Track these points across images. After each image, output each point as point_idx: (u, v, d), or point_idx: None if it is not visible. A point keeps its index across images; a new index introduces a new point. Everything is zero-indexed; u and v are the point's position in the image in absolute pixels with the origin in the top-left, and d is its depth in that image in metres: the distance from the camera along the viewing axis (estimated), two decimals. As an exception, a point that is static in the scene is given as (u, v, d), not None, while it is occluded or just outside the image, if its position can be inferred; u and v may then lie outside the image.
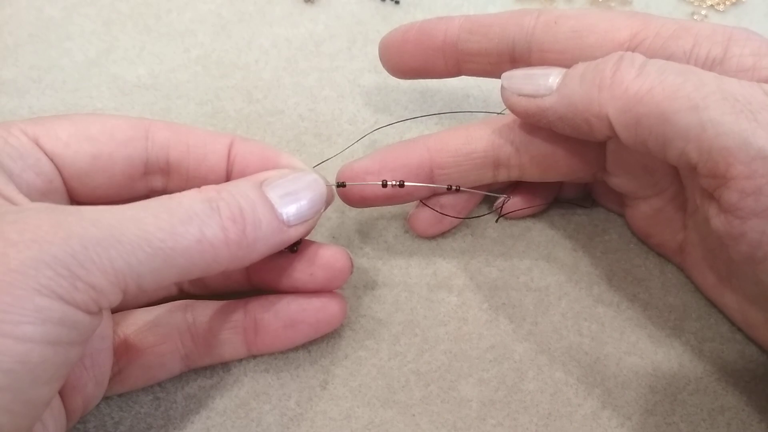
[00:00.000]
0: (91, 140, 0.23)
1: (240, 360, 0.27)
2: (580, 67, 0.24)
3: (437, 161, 0.27)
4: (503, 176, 0.28)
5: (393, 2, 0.40)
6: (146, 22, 0.39)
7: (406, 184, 0.27)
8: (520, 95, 0.25)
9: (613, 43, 0.25)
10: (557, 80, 0.24)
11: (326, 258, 0.25)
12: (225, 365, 0.26)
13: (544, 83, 0.25)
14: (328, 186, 0.25)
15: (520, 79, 0.25)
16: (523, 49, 0.27)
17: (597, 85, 0.23)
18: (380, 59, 0.31)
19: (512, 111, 0.26)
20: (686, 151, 0.21)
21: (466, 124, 0.28)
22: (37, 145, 0.22)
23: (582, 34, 0.25)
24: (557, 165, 0.28)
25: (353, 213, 0.31)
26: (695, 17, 0.41)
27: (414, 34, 0.29)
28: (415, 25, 0.30)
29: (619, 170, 0.28)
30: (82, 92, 0.35)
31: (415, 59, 0.30)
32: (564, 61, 0.25)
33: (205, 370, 0.26)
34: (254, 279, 0.27)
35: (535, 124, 0.26)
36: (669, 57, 0.24)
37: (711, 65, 0.23)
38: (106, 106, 0.35)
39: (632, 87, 0.22)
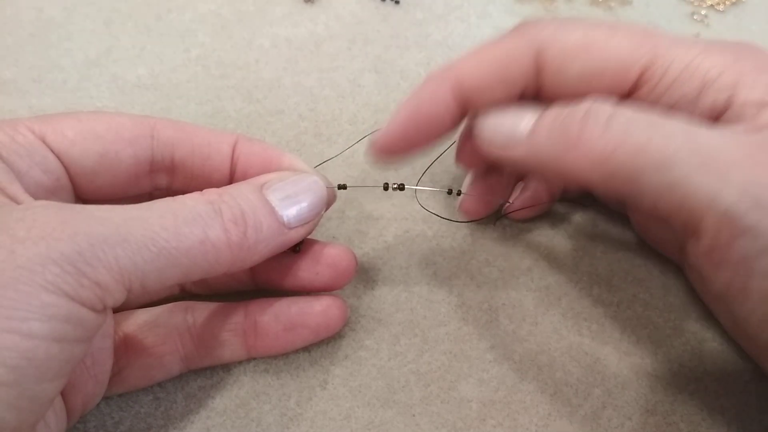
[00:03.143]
0: (98, 138, 0.23)
1: (240, 361, 0.27)
2: (549, 117, 0.23)
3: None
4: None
5: (393, 2, 0.40)
6: (146, 22, 0.39)
7: (407, 187, 0.28)
8: (491, 144, 0.24)
9: (622, 87, 0.24)
10: (528, 127, 0.23)
11: (331, 257, 0.25)
12: (225, 365, 0.26)
13: (513, 133, 0.23)
14: (329, 188, 0.25)
15: (491, 128, 0.24)
16: (533, 90, 0.25)
17: (564, 144, 0.22)
18: (375, 157, 0.27)
19: (488, 157, 0.25)
20: (658, 206, 0.21)
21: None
22: (44, 142, 0.22)
23: (591, 82, 0.24)
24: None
25: (353, 213, 0.31)
26: (695, 17, 0.41)
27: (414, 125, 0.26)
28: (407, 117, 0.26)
29: None
30: (82, 92, 0.35)
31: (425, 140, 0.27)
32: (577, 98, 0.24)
33: (205, 370, 0.26)
34: (259, 278, 0.27)
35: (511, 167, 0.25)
36: (674, 104, 0.23)
37: (716, 115, 0.23)
38: (106, 106, 0.35)
39: (597, 146, 0.21)
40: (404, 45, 0.38)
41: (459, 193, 0.28)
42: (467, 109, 0.26)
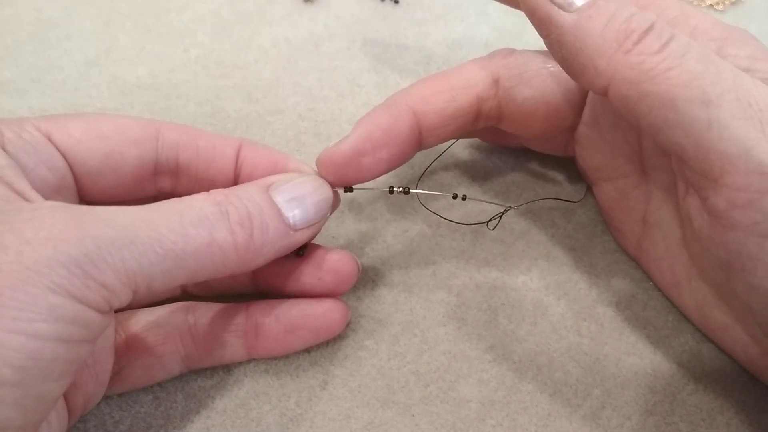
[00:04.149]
0: (103, 138, 0.23)
1: (240, 362, 0.27)
2: (611, 6, 0.22)
3: (424, 124, 0.26)
4: (480, 125, 0.28)
5: (392, 2, 0.40)
6: (146, 22, 0.39)
7: (411, 191, 0.27)
8: None
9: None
10: (583, 2, 0.22)
11: (333, 263, 0.25)
12: (225, 366, 0.27)
13: None
14: (334, 190, 0.25)
15: None
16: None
17: (617, 42, 0.21)
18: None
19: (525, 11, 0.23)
20: (682, 143, 0.20)
21: (446, 73, 0.27)
22: (50, 141, 0.22)
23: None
24: (533, 125, 0.28)
25: (353, 213, 0.31)
26: (695, 17, 0.41)
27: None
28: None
29: (587, 144, 0.28)
30: (82, 92, 0.35)
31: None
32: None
33: (206, 370, 0.26)
34: (260, 282, 0.27)
35: (535, 25, 0.24)
36: None
37: None
38: (106, 106, 0.35)
39: (650, 62, 0.20)
40: (404, 45, 0.38)
41: (464, 198, 0.28)
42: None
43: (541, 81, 0.26)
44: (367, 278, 0.29)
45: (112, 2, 0.40)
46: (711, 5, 0.41)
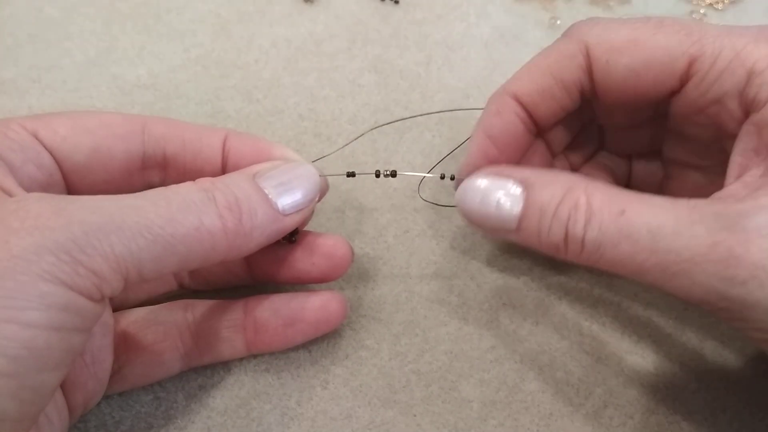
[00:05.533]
0: (90, 134, 0.23)
1: (240, 359, 0.27)
2: (545, 195, 0.22)
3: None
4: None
5: (392, 2, 0.40)
6: (146, 22, 0.39)
7: (398, 173, 0.28)
8: (480, 226, 0.24)
9: (671, 78, 0.24)
10: (518, 208, 0.23)
11: (327, 247, 0.25)
12: (225, 365, 0.26)
13: (502, 212, 0.23)
14: (322, 176, 0.25)
15: (473, 200, 0.23)
16: (588, 90, 0.26)
17: (555, 248, 0.22)
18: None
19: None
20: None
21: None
22: (37, 138, 0.22)
23: (639, 76, 0.24)
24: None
25: (353, 213, 0.31)
26: (693, 16, 0.41)
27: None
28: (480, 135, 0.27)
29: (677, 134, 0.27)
30: (82, 92, 0.35)
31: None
32: (625, 99, 0.25)
33: (206, 369, 0.26)
34: (255, 271, 0.27)
35: None
36: (722, 95, 0.23)
37: (753, 106, 0.22)
38: (106, 106, 0.35)
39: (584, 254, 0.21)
40: (404, 45, 0.38)
41: (452, 178, 0.28)
42: (536, 121, 0.26)
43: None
44: (368, 278, 0.29)
45: (112, 2, 0.40)
46: (710, 4, 0.41)
